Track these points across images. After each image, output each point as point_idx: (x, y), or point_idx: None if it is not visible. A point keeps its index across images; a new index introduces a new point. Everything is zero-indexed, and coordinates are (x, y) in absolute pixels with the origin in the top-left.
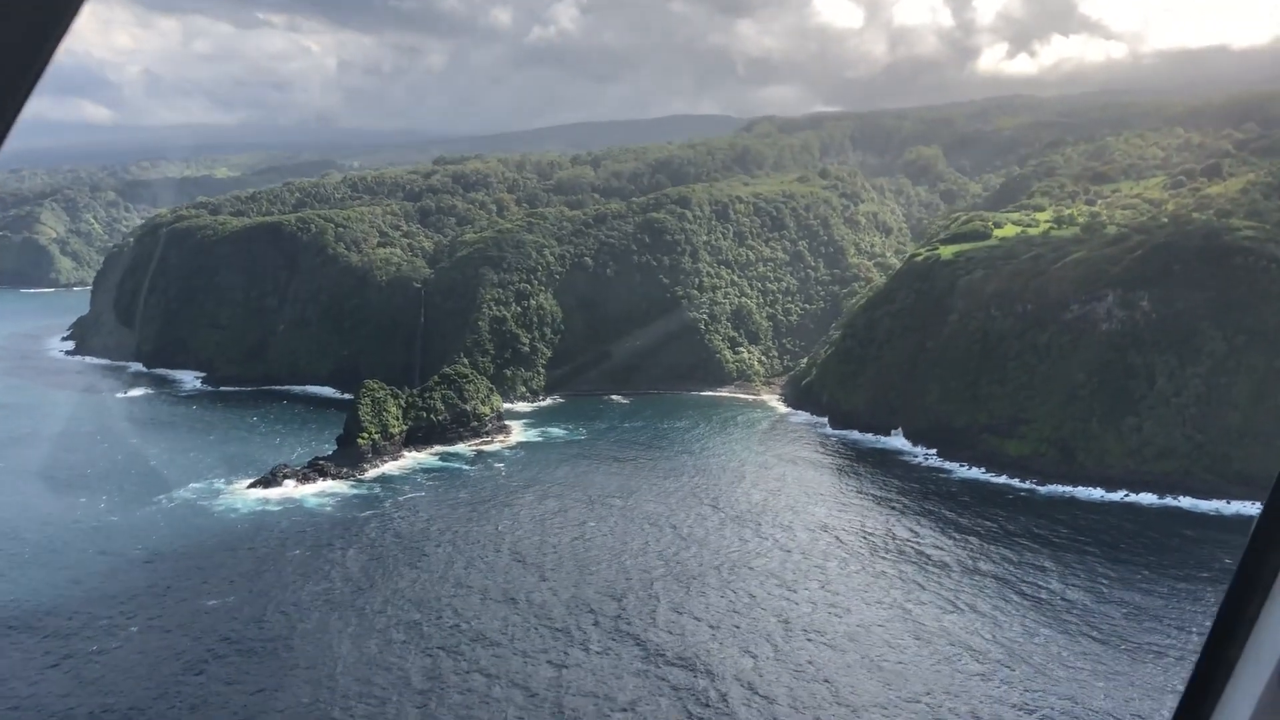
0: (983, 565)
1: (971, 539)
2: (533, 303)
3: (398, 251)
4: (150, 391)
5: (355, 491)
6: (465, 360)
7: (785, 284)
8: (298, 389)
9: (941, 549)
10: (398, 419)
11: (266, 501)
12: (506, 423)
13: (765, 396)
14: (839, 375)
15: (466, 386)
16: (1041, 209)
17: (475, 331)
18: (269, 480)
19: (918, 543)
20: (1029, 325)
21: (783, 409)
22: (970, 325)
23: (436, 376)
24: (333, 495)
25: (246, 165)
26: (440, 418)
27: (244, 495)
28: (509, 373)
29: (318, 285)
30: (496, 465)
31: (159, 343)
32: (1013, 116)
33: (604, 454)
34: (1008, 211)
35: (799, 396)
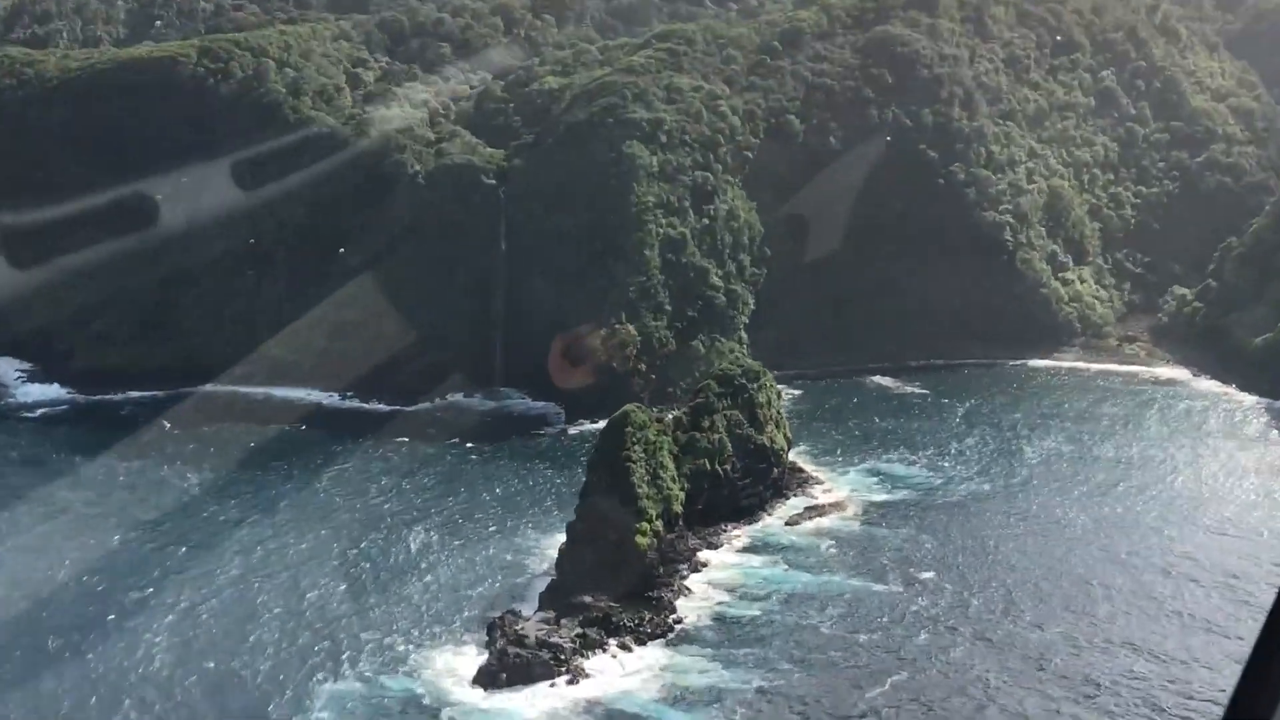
0: None
1: None
2: (720, 208)
3: (410, 110)
4: None
5: (738, 682)
6: (627, 325)
7: (1100, 149)
8: (257, 391)
9: None
10: (674, 478)
11: None
12: (794, 458)
13: (1160, 369)
14: None
15: (758, 397)
16: None
17: (640, 270)
18: (513, 665)
19: None
20: None
21: (1243, 397)
22: None
23: (712, 381)
24: (698, 708)
25: None
26: (726, 467)
27: (486, 710)
28: (700, 343)
29: (280, 190)
30: (920, 576)
31: None
32: None
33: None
34: None
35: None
